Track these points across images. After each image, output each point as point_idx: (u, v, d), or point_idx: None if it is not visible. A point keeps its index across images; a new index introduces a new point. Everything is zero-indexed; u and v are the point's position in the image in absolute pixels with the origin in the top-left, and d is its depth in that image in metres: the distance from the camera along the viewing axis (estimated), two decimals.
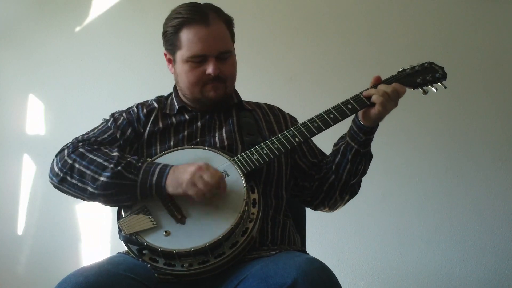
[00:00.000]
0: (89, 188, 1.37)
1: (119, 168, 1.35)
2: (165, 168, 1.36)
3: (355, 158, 1.48)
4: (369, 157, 1.53)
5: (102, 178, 1.35)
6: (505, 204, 2.35)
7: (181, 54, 1.51)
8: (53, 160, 1.46)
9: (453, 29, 2.48)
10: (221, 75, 1.51)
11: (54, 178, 1.44)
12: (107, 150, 1.43)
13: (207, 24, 1.48)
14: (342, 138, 1.54)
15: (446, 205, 2.42)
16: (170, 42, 1.53)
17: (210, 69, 1.49)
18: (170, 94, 1.67)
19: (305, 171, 1.59)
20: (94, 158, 1.40)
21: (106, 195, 1.36)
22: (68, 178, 1.40)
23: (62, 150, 1.47)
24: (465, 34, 2.46)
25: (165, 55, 1.59)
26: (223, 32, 1.52)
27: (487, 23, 2.43)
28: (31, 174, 2.89)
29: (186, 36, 1.49)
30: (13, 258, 2.91)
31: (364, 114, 1.44)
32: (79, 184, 1.39)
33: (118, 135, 1.52)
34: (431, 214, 2.43)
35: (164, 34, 1.56)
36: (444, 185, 2.43)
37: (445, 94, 1.54)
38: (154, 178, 1.35)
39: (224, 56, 1.52)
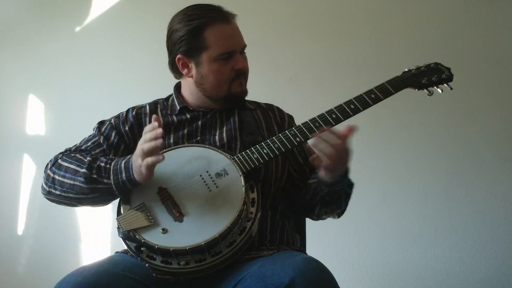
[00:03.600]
0: (71, 195, 1.42)
1: (91, 174, 1.38)
2: (128, 161, 1.37)
3: (325, 198, 1.48)
4: (344, 194, 1.47)
5: (77, 183, 1.40)
6: (505, 204, 2.35)
7: (208, 54, 1.50)
8: (43, 176, 1.51)
9: (453, 29, 2.47)
10: (246, 70, 1.56)
11: (43, 192, 1.50)
12: (81, 157, 1.46)
13: (229, 21, 1.52)
14: (316, 173, 1.51)
15: (446, 205, 2.41)
16: (191, 45, 1.50)
17: (240, 64, 1.52)
18: (170, 95, 1.67)
19: (294, 183, 1.59)
20: (68, 165, 1.44)
21: (89, 199, 1.41)
22: (53, 190, 1.46)
23: (47, 164, 1.52)
24: (465, 34, 2.45)
25: (178, 60, 1.54)
26: (238, 28, 1.55)
27: (487, 23, 2.43)
28: (31, 174, 2.89)
29: (212, 35, 1.49)
30: (13, 258, 2.91)
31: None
32: (63, 194, 1.44)
33: (101, 140, 1.54)
34: (431, 214, 2.43)
35: (180, 38, 1.51)
36: (444, 185, 2.42)
37: (445, 94, 1.54)
38: (124, 175, 1.37)
39: (243, 51, 1.56)
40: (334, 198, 1.47)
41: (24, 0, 3.01)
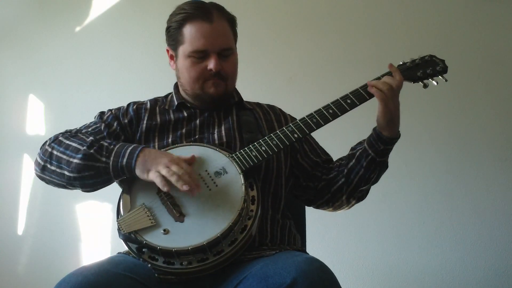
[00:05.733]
0: (66, 172, 1.40)
1: (91, 151, 1.38)
2: (136, 149, 1.38)
3: (369, 165, 1.47)
4: (384, 167, 1.51)
5: (75, 161, 1.39)
6: (505, 204, 2.35)
7: (183, 49, 1.52)
8: (38, 153, 1.50)
9: (453, 29, 2.47)
10: (222, 72, 1.52)
11: (37, 168, 1.48)
12: (83, 136, 1.46)
13: (211, 20, 1.50)
14: (360, 143, 1.53)
15: (446, 205, 2.41)
16: (173, 37, 1.54)
17: (211, 65, 1.50)
18: (170, 93, 1.67)
19: (308, 171, 1.59)
20: (70, 143, 1.43)
21: (82, 178, 1.39)
22: (48, 165, 1.44)
23: (44, 142, 1.51)
24: (465, 34, 2.45)
25: (168, 51, 1.60)
26: (225, 29, 1.53)
27: (487, 23, 2.43)
28: (31, 174, 2.88)
29: (189, 31, 1.50)
30: (13, 258, 2.91)
31: (378, 121, 1.43)
32: (57, 170, 1.42)
33: (102, 128, 1.54)
34: (431, 214, 2.43)
35: (168, 29, 1.57)
36: (444, 185, 2.42)
37: (445, 93, 1.55)
38: (125, 160, 1.36)
39: (226, 54, 1.53)
40: (381, 162, 1.46)
41: (24, 0, 3.01)
